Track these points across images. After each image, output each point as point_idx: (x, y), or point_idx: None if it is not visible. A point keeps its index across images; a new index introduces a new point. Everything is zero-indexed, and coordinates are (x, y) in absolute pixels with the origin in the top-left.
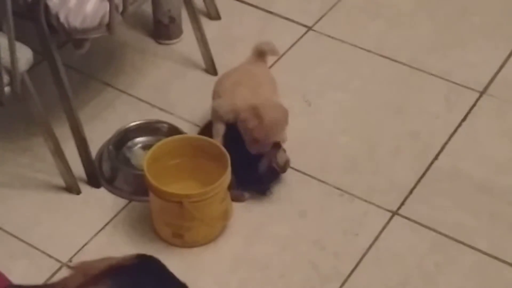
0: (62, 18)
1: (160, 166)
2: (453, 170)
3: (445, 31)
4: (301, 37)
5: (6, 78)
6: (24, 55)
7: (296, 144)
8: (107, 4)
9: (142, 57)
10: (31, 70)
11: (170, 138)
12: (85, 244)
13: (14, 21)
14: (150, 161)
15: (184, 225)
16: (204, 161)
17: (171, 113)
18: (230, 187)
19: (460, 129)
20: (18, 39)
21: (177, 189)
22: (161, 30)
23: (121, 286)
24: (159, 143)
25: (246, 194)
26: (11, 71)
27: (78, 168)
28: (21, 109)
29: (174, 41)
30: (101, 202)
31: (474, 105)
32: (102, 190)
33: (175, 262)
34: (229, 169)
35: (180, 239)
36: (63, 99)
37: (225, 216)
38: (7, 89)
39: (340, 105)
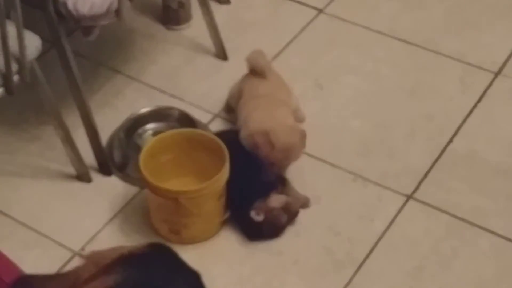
0: (70, 5)
1: (158, 161)
2: (468, 153)
3: (459, 11)
4: (312, 20)
5: (15, 67)
6: (33, 43)
7: (308, 128)
8: None
9: (151, 43)
10: (40, 58)
11: (166, 133)
12: (97, 233)
13: (22, 9)
14: (147, 157)
15: (181, 221)
16: (202, 155)
17: (182, 99)
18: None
19: (475, 111)
20: (27, 27)
21: (175, 185)
22: (170, 15)
23: (132, 275)
24: (156, 138)
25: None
26: (20, 59)
27: (89, 156)
28: (31, 98)
29: (184, 26)
30: (113, 190)
31: (489, 86)
32: (114, 178)
33: (188, 250)
34: (227, 164)
35: (177, 236)
36: (72, 87)
37: (223, 213)
38: (16, 77)
39: (353, 89)
